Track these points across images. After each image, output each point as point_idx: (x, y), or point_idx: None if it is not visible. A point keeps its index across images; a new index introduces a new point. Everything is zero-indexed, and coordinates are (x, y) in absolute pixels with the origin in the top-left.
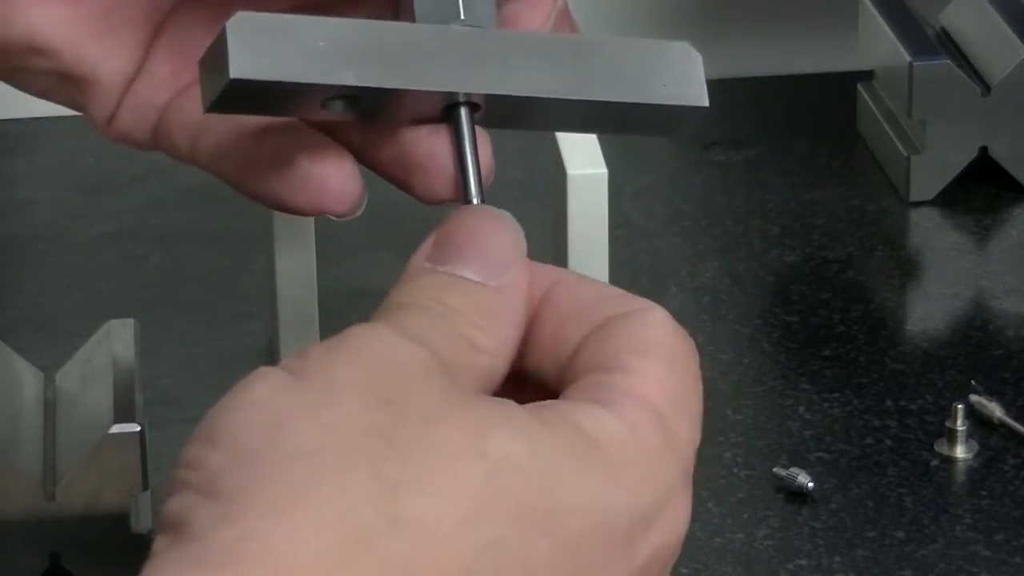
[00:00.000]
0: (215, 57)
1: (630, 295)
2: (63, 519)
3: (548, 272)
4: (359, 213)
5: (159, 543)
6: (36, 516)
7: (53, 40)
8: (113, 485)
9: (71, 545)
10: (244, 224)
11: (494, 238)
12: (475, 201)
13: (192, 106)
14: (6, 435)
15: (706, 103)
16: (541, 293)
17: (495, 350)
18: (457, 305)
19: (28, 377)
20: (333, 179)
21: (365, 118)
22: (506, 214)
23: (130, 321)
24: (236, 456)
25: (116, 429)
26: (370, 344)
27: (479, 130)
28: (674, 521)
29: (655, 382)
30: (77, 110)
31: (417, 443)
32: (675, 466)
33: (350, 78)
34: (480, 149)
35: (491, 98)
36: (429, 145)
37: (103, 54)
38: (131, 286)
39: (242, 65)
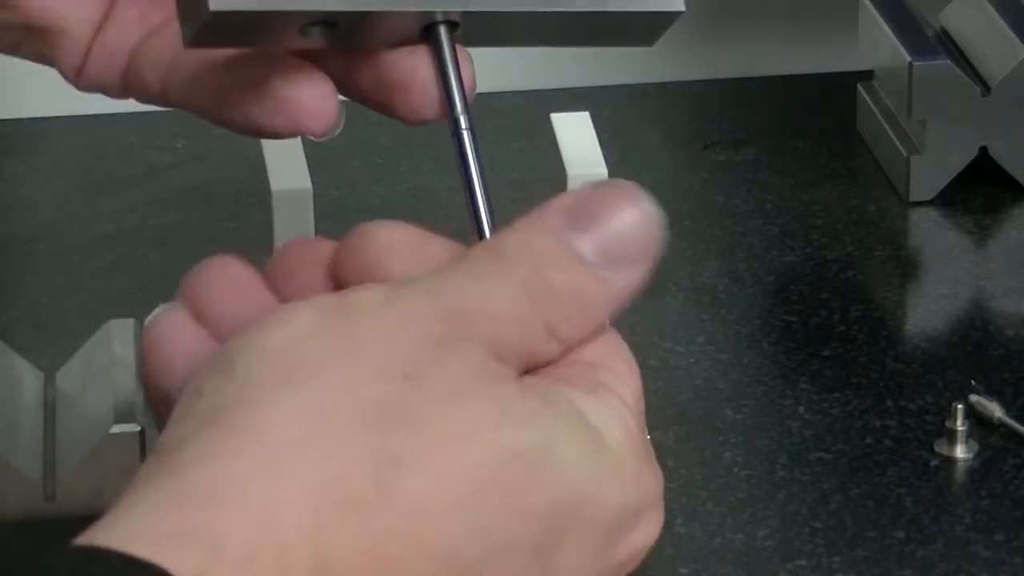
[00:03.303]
0: None
1: None
2: (63, 519)
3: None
4: (336, 133)
5: (145, 467)
6: (36, 516)
7: None
8: (113, 485)
9: None
10: (244, 224)
11: (643, 231)
12: (461, 119)
13: (162, 44)
14: (6, 435)
15: (682, 7)
16: None
17: (568, 342)
18: (561, 286)
19: (28, 377)
20: (309, 98)
21: (344, 44)
22: (662, 216)
23: (130, 321)
24: (247, 394)
25: (116, 429)
26: (420, 310)
27: (460, 49)
28: (650, 528)
29: (632, 388)
30: (45, 63)
31: (427, 420)
32: (658, 476)
33: (328, 3)
34: (462, 67)
35: (469, 15)
36: (410, 64)
37: (69, 4)
38: (131, 286)
39: None
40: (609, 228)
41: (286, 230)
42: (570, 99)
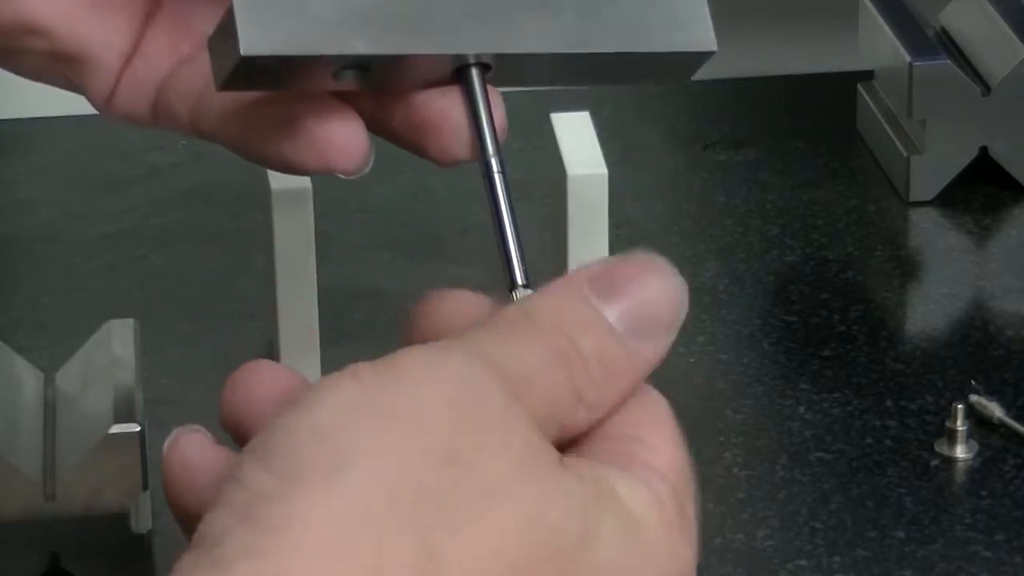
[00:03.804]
0: (224, 34)
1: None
2: (63, 519)
3: None
4: (366, 171)
5: (187, 558)
6: (36, 516)
7: (47, 19)
8: (113, 485)
9: (71, 545)
10: (244, 224)
11: (668, 303)
12: (492, 162)
13: (191, 76)
14: (6, 435)
15: (714, 47)
16: None
17: (594, 408)
18: (589, 352)
19: (28, 377)
20: (339, 135)
21: (376, 85)
22: (686, 288)
23: (130, 321)
24: (286, 485)
25: (116, 429)
26: (458, 382)
27: (491, 89)
28: None
29: (669, 457)
30: (72, 90)
31: (470, 513)
32: (689, 544)
33: (361, 47)
34: (494, 109)
35: (501, 57)
36: (441, 105)
37: (99, 33)
38: (131, 286)
39: (252, 41)
40: (636, 298)
41: (286, 230)
42: (570, 99)
